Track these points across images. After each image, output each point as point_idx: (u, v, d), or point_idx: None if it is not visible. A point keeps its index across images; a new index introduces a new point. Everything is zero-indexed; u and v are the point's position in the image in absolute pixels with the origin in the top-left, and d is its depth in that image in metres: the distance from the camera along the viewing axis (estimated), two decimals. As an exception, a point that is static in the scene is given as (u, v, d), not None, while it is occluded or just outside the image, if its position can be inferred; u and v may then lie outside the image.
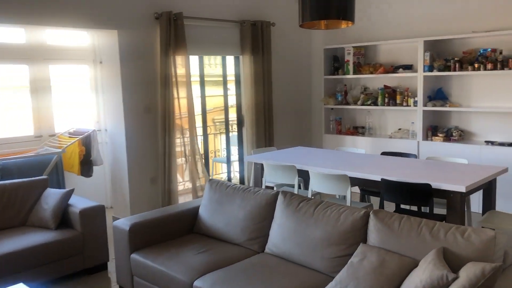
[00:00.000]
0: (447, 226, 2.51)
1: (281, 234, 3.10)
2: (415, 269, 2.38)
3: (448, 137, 5.55)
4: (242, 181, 6.67)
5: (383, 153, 4.92)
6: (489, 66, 5.11)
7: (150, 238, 3.40)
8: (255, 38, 6.06)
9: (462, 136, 5.56)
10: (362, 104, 6.22)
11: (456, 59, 5.39)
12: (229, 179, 6.61)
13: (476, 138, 5.56)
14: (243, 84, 6.24)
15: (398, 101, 5.92)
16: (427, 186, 3.41)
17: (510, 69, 4.97)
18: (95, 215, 3.80)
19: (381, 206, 3.73)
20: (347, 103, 6.50)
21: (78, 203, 3.86)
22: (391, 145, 5.91)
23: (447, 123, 5.78)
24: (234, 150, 6.81)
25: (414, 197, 3.50)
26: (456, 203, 3.41)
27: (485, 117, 5.46)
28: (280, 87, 6.70)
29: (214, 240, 3.45)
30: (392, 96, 6.01)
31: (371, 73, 6.11)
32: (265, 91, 6.25)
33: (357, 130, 6.47)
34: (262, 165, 4.77)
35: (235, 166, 6.86)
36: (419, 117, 5.68)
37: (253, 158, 4.81)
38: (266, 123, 6.31)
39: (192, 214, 3.70)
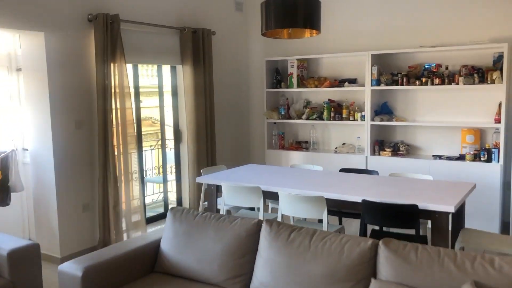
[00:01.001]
0: (470, 256, 2.27)
1: (270, 271, 2.67)
2: (448, 308, 2.10)
3: (395, 152, 5.52)
4: (179, 203, 6.10)
5: (342, 170, 4.71)
6: (436, 81, 5.15)
7: (106, 283, 2.78)
8: (196, 47, 5.59)
9: (409, 150, 5.56)
10: (307, 118, 6.00)
11: (403, 73, 5.38)
12: (166, 201, 6.00)
13: (422, 153, 5.59)
14: (183, 96, 5.72)
15: (344, 116, 5.79)
16: (414, 206, 3.20)
17: (457, 84, 5.04)
18: (28, 257, 3.06)
19: (361, 229, 3.45)
20: (289, 117, 6.26)
21: (4, 242, 3.10)
22: (338, 161, 5.74)
23: (393, 137, 5.76)
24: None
25: (400, 219, 3.27)
26: (442, 224, 3.24)
27: (430, 131, 5.51)
28: (220, 100, 6.28)
29: (184, 281, 2.92)
30: (337, 110, 5.87)
31: (316, 86, 5.93)
32: (207, 104, 5.78)
33: (301, 145, 6.25)
34: (217, 186, 4.30)
35: (164, 187, 6.26)
36: (367, 132, 5.58)
37: (207, 179, 4.32)
38: (208, 139, 5.84)
39: (151, 250, 3.13)
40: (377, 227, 4.11)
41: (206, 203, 4.69)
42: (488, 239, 3.46)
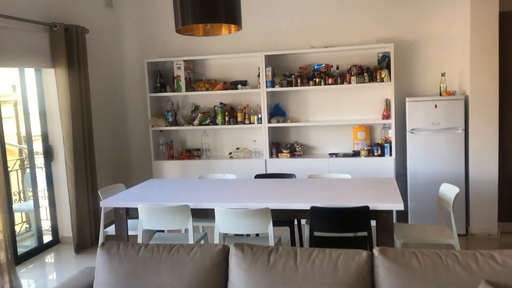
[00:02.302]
0: (470, 254, 2.21)
1: (252, 304, 2.27)
2: (471, 314, 1.99)
3: (292, 153, 5.47)
4: (55, 232, 5.13)
5: (258, 176, 4.45)
6: (329, 80, 5.23)
7: None
8: (70, 47, 4.74)
9: (304, 150, 5.57)
10: (200, 124, 5.59)
11: (297, 74, 5.36)
12: (40, 232, 4.97)
13: (317, 152, 5.65)
14: (55, 106, 4.81)
15: (239, 119, 5.53)
16: (365, 208, 3.10)
17: (349, 83, 5.19)
18: None
19: (313, 238, 3.23)
20: (177, 124, 5.76)
21: None
22: (237, 166, 5.47)
23: (287, 138, 5.71)
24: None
25: (351, 223, 3.14)
26: (389, 222, 3.21)
27: (323, 130, 5.60)
28: (97, 109, 5.46)
29: (137, 335, 2.32)
30: (231, 114, 5.59)
31: (207, 89, 5.55)
32: (83, 114, 4.95)
33: (192, 153, 5.79)
34: (126, 210, 3.64)
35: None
36: (265, 135, 5.42)
37: (114, 202, 3.63)
38: (86, 155, 5.00)
39: (81, 302, 2.44)
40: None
41: (109, 229, 3.99)
42: (422, 232, 3.56)
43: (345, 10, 5.38)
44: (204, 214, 3.52)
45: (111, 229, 4.04)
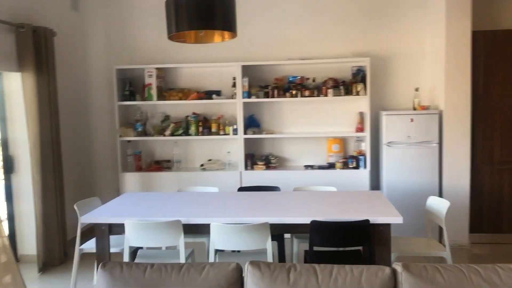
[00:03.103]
0: (491, 268, 2.22)
1: (273, 326, 2.15)
2: (501, 329, 1.99)
3: (268, 165, 5.39)
4: (13, 251, 4.72)
5: (241, 189, 4.32)
6: (306, 93, 5.23)
7: None
8: (38, 50, 4.41)
9: (279, 162, 5.51)
10: (172, 134, 5.38)
11: (273, 85, 5.31)
12: (-3, 250, 4.55)
13: (290, 164, 5.61)
14: (21, 114, 4.45)
15: (213, 130, 5.39)
16: (366, 222, 3.08)
17: (325, 96, 5.21)
18: None
19: (311, 254, 3.15)
20: (146, 134, 5.51)
21: None
22: (211, 179, 5.31)
23: (261, 150, 5.63)
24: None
25: (351, 237, 3.09)
26: (387, 236, 3.20)
27: (297, 142, 5.57)
28: (63, 117, 5.12)
29: None
30: (205, 124, 5.44)
31: (180, 98, 5.37)
32: (52, 122, 4.62)
33: (162, 165, 5.56)
34: (109, 226, 3.40)
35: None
36: (240, 146, 5.31)
37: (96, 217, 3.37)
38: (55, 166, 4.66)
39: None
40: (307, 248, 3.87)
41: (83, 246, 3.71)
42: (415, 245, 3.58)
43: (322, 24, 5.42)
44: (193, 230, 3.35)
45: (86, 246, 3.77)
